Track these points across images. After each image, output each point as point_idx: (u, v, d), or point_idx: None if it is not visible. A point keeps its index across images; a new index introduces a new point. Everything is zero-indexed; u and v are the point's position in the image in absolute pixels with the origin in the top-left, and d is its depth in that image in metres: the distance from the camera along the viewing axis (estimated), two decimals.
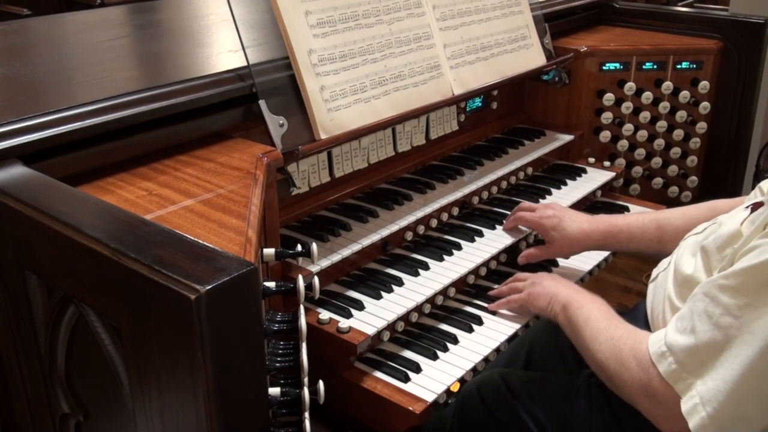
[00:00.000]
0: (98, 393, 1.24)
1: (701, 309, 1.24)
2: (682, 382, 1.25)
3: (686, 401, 1.24)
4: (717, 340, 1.21)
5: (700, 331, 1.23)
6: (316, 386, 1.26)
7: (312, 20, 1.77)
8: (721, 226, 1.41)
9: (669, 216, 1.86)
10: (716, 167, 2.73)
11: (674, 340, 1.27)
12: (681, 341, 1.26)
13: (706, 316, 1.23)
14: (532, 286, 1.76)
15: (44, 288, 1.23)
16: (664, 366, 1.27)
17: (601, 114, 2.61)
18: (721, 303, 1.21)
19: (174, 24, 2.57)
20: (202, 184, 1.43)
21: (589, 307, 1.55)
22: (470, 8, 2.20)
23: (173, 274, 0.95)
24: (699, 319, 1.24)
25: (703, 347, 1.22)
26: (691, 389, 1.24)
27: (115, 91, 1.51)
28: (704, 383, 1.22)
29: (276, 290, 1.29)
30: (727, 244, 1.32)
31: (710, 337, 1.21)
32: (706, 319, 1.22)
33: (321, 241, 1.81)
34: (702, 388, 1.22)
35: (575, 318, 1.56)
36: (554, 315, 1.66)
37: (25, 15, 4.11)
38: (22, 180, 1.26)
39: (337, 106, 1.79)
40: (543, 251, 1.98)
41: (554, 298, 1.66)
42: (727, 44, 2.63)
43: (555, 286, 1.70)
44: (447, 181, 2.16)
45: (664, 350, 1.28)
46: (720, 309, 1.21)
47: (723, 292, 1.21)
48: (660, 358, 1.28)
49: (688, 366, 1.24)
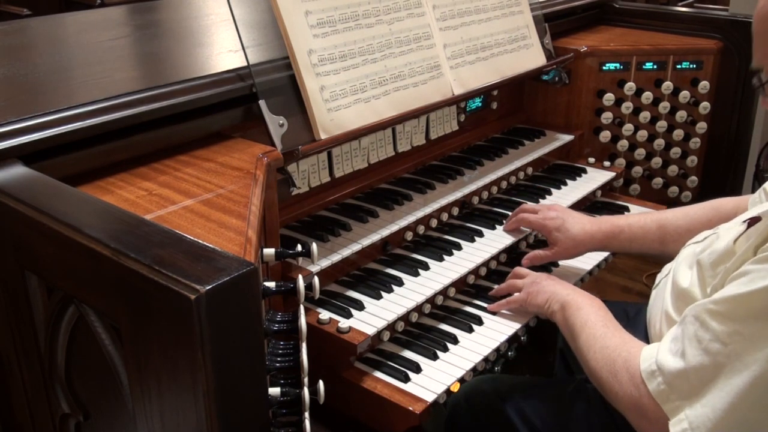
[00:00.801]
0: (98, 393, 1.24)
1: (691, 333, 1.23)
2: (671, 403, 1.24)
3: (675, 424, 1.23)
4: (705, 366, 1.20)
5: (690, 356, 1.22)
6: (316, 386, 1.26)
7: (312, 20, 1.77)
8: (719, 239, 1.39)
9: (671, 216, 1.85)
10: (716, 167, 2.73)
11: (665, 360, 1.27)
12: (671, 364, 1.25)
13: (696, 340, 1.22)
14: (531, 285, 1.76)
15: (44, 288, 1.23)
16: (654, 385, 1.27)
17: (601, 114, 2.61)
18: (710, 328, 1.20)
19: (174, 24, 2.57)
20: (202, 184, 1.43)
21: (587, 310, 1.55)
22: (470, 8, 2.20)
23: (173, 274, 0.95)
24: (689, 342, 1.23)
25: (692, 372, 1.21)
26: (679, 412, 1.23)
27: (115, 91, 1.51)
28: (693, 409, 1.21)
29: (276, 290, 1.29)
30: (721, 261, 1.31)
31: (699, 362, 1.21)
32: (696, 344, 1.22)
33: (321, 241, 1.81)
34: (691, 413, 1.21)
35: (572, 320, 1.56)
36: (551, 313, 1.66)
37: (25, 15, 4.10)
38: (22, 180, 1.26)
39: (337, 106, 1.79)
40: (549, 253, 1.97)
41: (552, 296, 1.66)
42: (727, 44, 2.63)
43: (554, 285, 1.70)
44: (447, 181, 2.16)
45: (654, 369, 1.28)
46: (709, 334, 1.20)
47: (712, 318, 1.20)
48: (650, 376, 1.28)
49: (677, 388, 1.24)
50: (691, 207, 1.87)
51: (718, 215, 1.74)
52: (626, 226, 1.89)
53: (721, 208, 1.75)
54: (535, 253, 1.99)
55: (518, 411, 1.67)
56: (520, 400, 1.69)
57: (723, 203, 1.77)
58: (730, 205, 1.76)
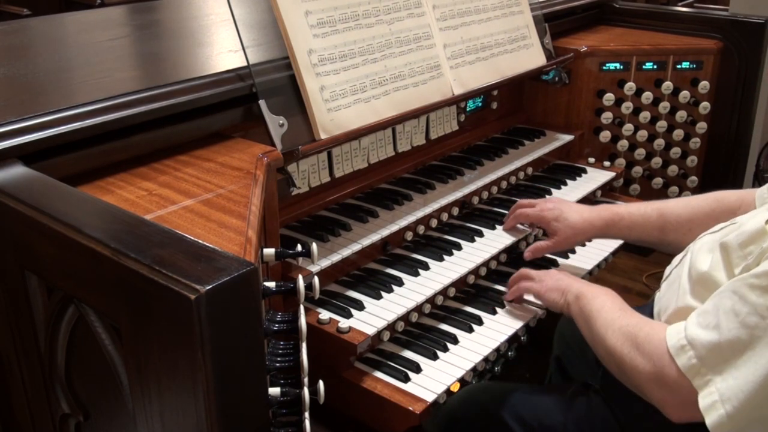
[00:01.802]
0: (98, 393, 1.24)
1: (728, 306, 1.22)
2: (701, 377, 1.24)
3: (704, 397, 1.23)
4: (742, 339, 1.19)
5: (725, 329, 1.21)
6: (316, 386, 1.26)
7: (312, 20, 1.77)
8: (742, 226, 1.38)
9: (672, 205, 1.84)
10: (716, 167, 2.73)
11: (696, 334, 1.26)
12: (703, 336, 1.24)
13: (733, 313, 1.21)
14: (546, 275, 1.76)
15: (44, 288, 1.23)
16: (683, 360, 1.26)
17: (601, 114, 2.61)
18: (749, 301, 1.19)
19: (174, 24, 2.57)
20: (202, 184, 1.43)
21: (602, 298, 1.55)
22: (470, 8, 2.20)
23: (173, 274, 0.95)
24: (725, 316, 1.22)
25: (727, 345, 1.21)
26: (709, 385, 1.22)
27: (115, 91, 1.51)
28: (724, 380, 1.21)
29: (276, 290, 1.29)
30: (752, 241, 1.29)
31: (735, 335, 1.20)
32: (733, 317, 1.21)
33: (321, 241, 1.81)
34: (722, 386, 1.21)
35: (588, 307, 1.55)
36: (567, 306, 1.65)
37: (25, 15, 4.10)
38: (22, 180, 1.26)
39: (337, 106, 1.79)
40: (549, 244, 1.96)
41: (567, 289, 1.66)
42: (727, 44, 2.63)
43: (566, 280, 1.71)
44: (447, 181, 2.16)
45: (684, 344, 1.26)
46: (747, 308, 1.19)
47: (752, 291, 1.20)
48: (679, 351, 1.27)
49: (709, 362, 1.23)
50: (692, 197, 1.85)
51: (720, 207, 1.73)
52: (626, 213, 1.88)
53: (724, 200, 1.73)
54: (536, 244, 1.98)
55: (516, 420, 1.67)
56: (517, 409, 1.68)
57: (726, 195, 1.75)
58: (734, 198, 1.74)
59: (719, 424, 1.21)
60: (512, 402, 1.70)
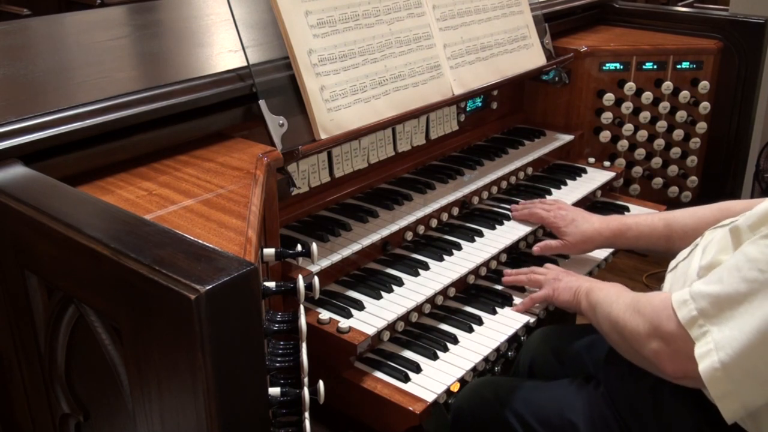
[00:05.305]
0: (98, 393, 1.24)
1: (732, 263, 1.26)
2: (699, 328, 1.27)
3: (700, 346, 1.26)
4: (740, 291, 1.23)
5: (726, 282, 1.25)
6: (316, 386, 1.26)
7: (312, 20, 1.77)
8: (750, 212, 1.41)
9: (678, 215, 1.88)
10: (716, 167, 2.73)
11: (699, 289, 1.30)
12: (705, 289, 1.28)
13: (736, 269, 1.25)
14: (554, 282, 1.79)
15: (44, 288, 1.23)
16: (684, 312, 1.29)
17: (601, 114, 2.61)
18: (751, 258, 1.23)
19: (174, 24, 2.57)
20: (202, 184, 1.43)
21: (610, 288, 1.60)
22: (470, 8, 2.20)
23: (173, 274, 0.95)
24: (728, 272, 1.26)
25: (725, 296, 1.24)
26: (706, 336, 1.26)
27: (115, 91, 1.51)
28: (720, 331, 1.24)
29: (276, 290, 1.29)
30: (762, 222, 1.31)
31: (734, 288, 1.24)
32: (735, 272, 1.25)
33: (321, 241, 1.81)
34: (718, 336, 1.24)
35: (596, 297, 1.60)
36: (578, 304, 1.70)
37: (25, 15, 4.10)
38: (22, 180, 1.26)
39: (337, 106, 1.79)
40: (559, 244, 2.02)
41: (578, 289, 1.71)
42: (727, 44, 2.63)
43: (576, 280, 1.76)
44: (447, 181, 2.16)
45: (687, 298, 1.30)
46: (749, 263, 1.23)
47: (756, 247, 1.23)
48: (681, 305, 1.30)
49: (707, 312, 1.26)
50: (699, 207, 1.89)
51: (725, 216, 1.74)
52: (634, 224, 1.95)
53: (731, 210, 1.75)
54: (546, 242, 2.04)
55: (521, 415, 1.69)
56: (522, 403, 1.71)
57: (732, 205, 1.78)
58: (740, 207, 1.76)
59: (711, 371, 1.23)
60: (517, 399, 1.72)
